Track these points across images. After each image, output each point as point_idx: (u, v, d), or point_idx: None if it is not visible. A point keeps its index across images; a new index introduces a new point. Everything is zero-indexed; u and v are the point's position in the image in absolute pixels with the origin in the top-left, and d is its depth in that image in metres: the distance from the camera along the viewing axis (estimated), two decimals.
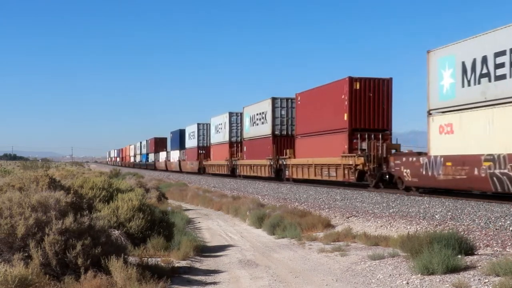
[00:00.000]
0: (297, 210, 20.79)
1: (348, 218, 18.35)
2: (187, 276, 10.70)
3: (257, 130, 44.97)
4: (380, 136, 29.81)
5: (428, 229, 13.72)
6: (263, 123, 43.55)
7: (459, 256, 9.93)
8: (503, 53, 19.46)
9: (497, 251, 11.39)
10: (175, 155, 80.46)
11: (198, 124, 66.82)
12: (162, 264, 10.96)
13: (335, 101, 31.46)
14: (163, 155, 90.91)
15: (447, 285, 8.76)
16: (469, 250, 10.62)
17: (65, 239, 8.55)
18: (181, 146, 75.55)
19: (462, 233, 12.66)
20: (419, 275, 9.45)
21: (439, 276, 9.23)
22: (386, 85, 30.37)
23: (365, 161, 28.42)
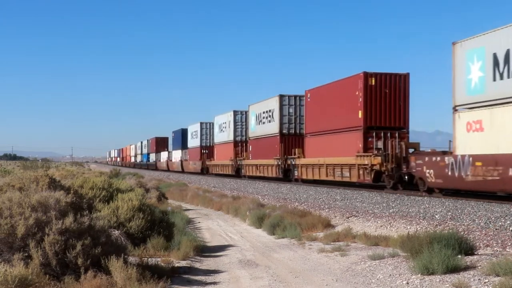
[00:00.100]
0: (297, 210, 20.79)
1: (348, 218, 18.35)
2: (187, 276, 10.70)
3: (264, 128, 43.48)
4: (396, 134, 28.29)
5: (428, 229, 13.72)
6: (270, 122, 42.05)
7: (459, 256, 9.93)
8: None
9: (497, 251, 11.39)
10: (177, 155, 79.29)
11: (201, 123, 65.36)
12: (162, 264, 10.97)
13: (349, 97, 29.91)
14: (164, 155, 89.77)
15: (447, 285, 8.76)
16: (469, 250, 10.62)
17: (65, 239, 8.56)
18: (183, 145, 74.17)
19: (462, 233, 12.66)
20: (419, 275, 9.45)
21: (439, 276, 9.23)
22: (403, 81, 28.84)
23: (383, 161, 26.93)
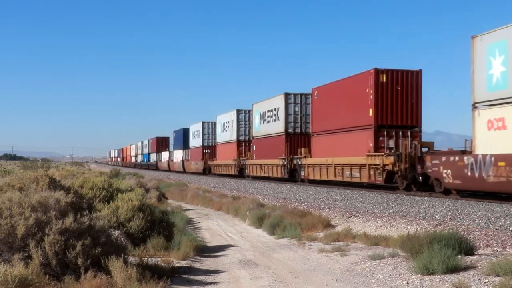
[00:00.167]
0: (297, 210, 20.79)
1: (348, 218, 18.34)
2: (187, 276, 10.70)
3: (268, 128, 42.62)
4: (408, 133, 27.30)
5: (428, 229, 13.72)
6: (274, 121, 41.09)
7: (459, 256, 9.93)
8: None
9: (497, 251, 11.39)
10: (178, 154, 78.46)
11: (203, 122, 64.45)
12: (162, 264, 10.97)
13: (359, 95, 28.85)
14: (165, 155, 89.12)
15: (447, 285, 8.76)
16: (469, 250, 10.62)
17: (65, 239, 8.56)
18: (185, 145, 73.37)
19: (462, 233, 12.66)
20: (419, 275, 9.45)
21: (439, 276, 9.23)
22: (415, 78, 27.79)
23: (395, 160, 25.80)
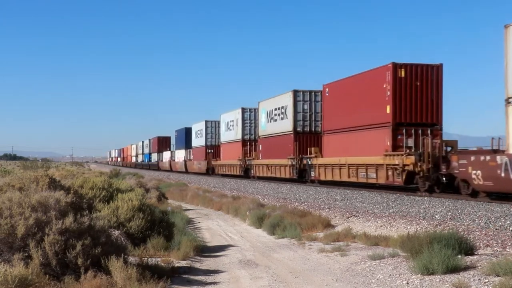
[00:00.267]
0: (297, 210, 20.79)
1: (348, 218, 18.35)
2: (187, 276, 10.70)
3: (276, 126, 41.06)
4: (428, 131, 25.75)
5: (428, 229, 13.72)
6: (282, 119, 39.57)
7: (459, 256, 9.93)
8: None
9: (497, 251, 11.39)
10: (180, 154, 76.98)
11: (206, 121, 62.89)
12: (162, 264, 10.97)
13: (375, 91, 27.38)
14: (167, 154, 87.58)
15: (447, 285, 8.76)
16: (469, 250, 10.62)
17: (65, 239, 8.56)
18: (187, 145, 71.82)
19: (462, 233, 12.66)
20: (419, 275, 9.45)
21: (439, 276, 9.23)
22: (435, 73, 26.28)
23: (416, 160, 24.27)
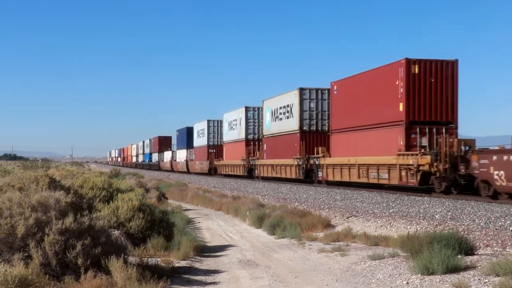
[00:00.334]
0: (297, 210, 20.80)
1: (348, 218, 18.35)
2: (187, 276, 10.71)
3: (281, 125, 39.98)
4: (443, 130, 24.78)
5: (428, 229, 13.72)
6: (288, 118, 38.46)
7: (459, 256, 9.94)
8: None
9: (497, 251, 11.39)
10: (181, 154, 75.84)
11: (208, 121, 61.83)
12: (162, 264, 10.97)
13: (387, 88, 26.37)
14: (168, 154, 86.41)
15: (447, 285, 8.77)
16: (469, 250, 10.63)
17: (65, 239, 8.56)
18: (189, 145, 70.70)
19: (462, 233, 12.67)
20: (419, 275, 9.46)
21: (439, 276, 9.24)
22: (450, 69, 25.30)
23: (433, 160, 23.22)
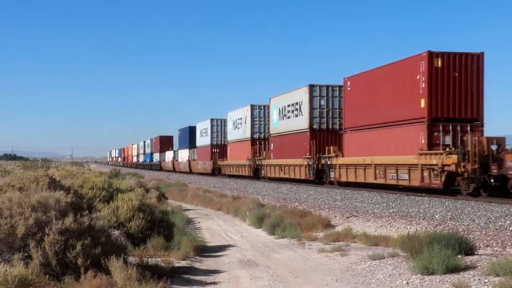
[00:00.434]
0: (297, 210, 20.80)
1: (348, 218, 18.35)
2: (187, 276, 10.71)
3: (289, 124, 38.54)
4: (468, 128, 23.52)
5: (428, 229, 13.72)
6: (297, 116, 37.04)
7: (459, 256, 9.94)
8: None
9: (497, 251, 11.39)
10: (184, 154, 74.24)
11: (211, 119, 60.26)
12: (162, 264, 10.97)
13: (407, 83, 25.09)
14: (169, 154, 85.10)
15: (447, 285, 8.77)
16: (469, 250, 10.62)
17: (65, 239, 8.56)
18: (191, 144, 69.20)
19: (462, 233, 12.67)
20: (419, 275, 9.46)
21: (439, 276, 9.24)
22: (475, 62, 23.91)
23: (460, 160, 21.67)
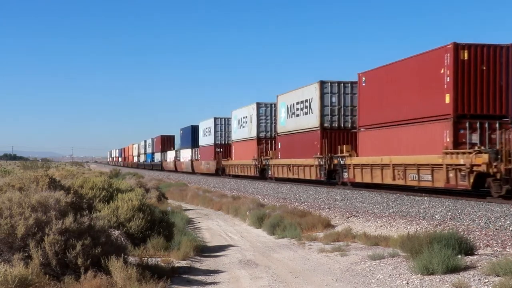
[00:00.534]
0: (297, 210, 20.79)
1: (348, 218, 18.35)
2: (187, 276, 10.71)
3: (298, 122, 37.03)
4: (497, 125, 22.07)
5: (428, 229, 13.72)
6: (306, 114, 35.52)
7: (459, 256, 9.93)
8: None
9: (497, 251, 11.39)
10: (186, 154, 72.87)
11: (215, 118, 58.86)
12: (162, 264, 10.97)
13: (429, 78, 23.66)
14: (171, 154, 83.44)
15: (447, 285, 8.77)
16: (469, 250, 10.62)
17: (65, 239, 8.56)
18: (194, 144, 67.82)
19: (462, 233, 12.66)
20: (419, 275, 9.46)
21: (439, 276, 9.24)
22: (505, 55, 22.51)
23: (491, 160, 20.13)
